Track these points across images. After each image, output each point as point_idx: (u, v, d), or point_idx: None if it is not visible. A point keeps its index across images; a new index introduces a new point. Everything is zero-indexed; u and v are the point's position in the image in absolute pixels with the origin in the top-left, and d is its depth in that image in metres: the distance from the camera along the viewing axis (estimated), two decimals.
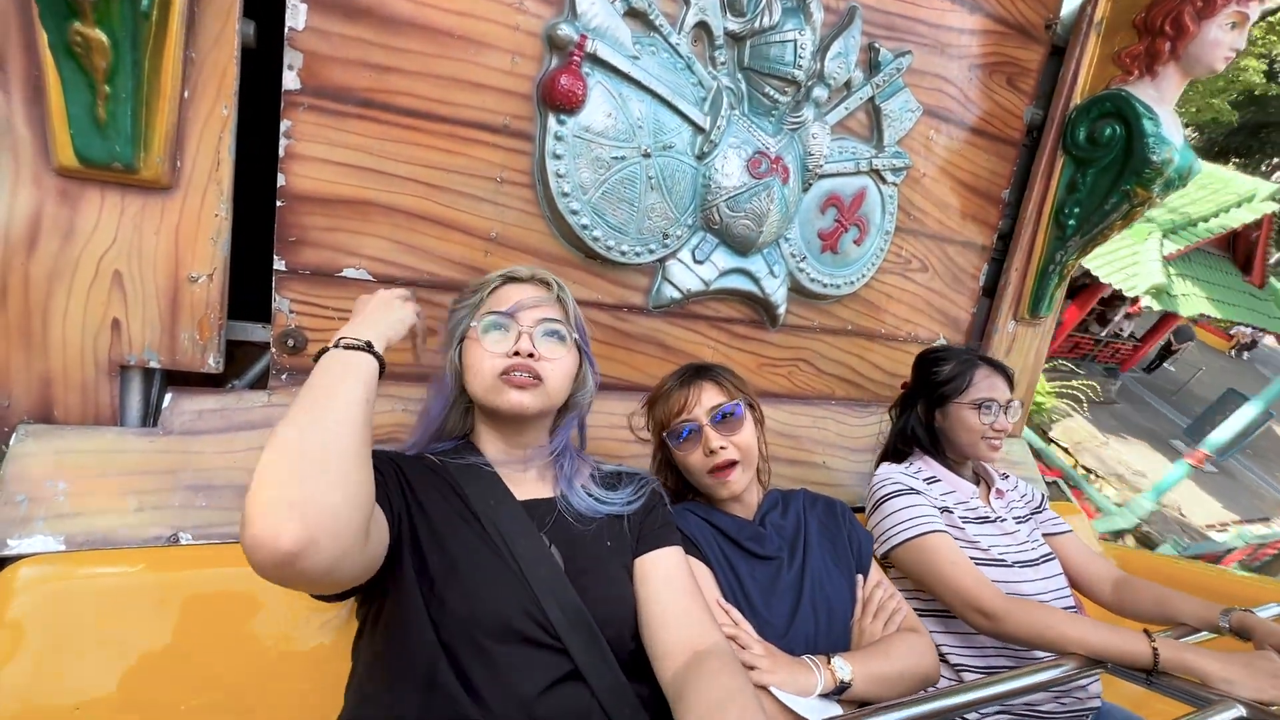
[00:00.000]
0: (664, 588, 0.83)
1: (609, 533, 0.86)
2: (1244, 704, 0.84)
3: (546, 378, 0.86)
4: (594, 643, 0.76)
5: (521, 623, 0.73)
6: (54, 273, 0.95)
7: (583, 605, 0.77)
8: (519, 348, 0.85)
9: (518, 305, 0.88)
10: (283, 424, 0.62)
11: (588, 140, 1.22)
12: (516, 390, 0.84)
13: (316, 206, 1.09)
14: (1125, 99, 1.58)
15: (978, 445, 1.28)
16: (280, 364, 1.13)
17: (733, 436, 1.04)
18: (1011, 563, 1.20)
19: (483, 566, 0.75)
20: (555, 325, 0.89)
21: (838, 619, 0.99)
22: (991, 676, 0.91)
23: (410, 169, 1.14)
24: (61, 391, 0.99)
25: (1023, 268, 1.84)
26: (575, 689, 0.74)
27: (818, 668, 0.88)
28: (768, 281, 1.49)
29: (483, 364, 0.86)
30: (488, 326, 0.87)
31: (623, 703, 0.76)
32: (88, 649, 0.87)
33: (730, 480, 1.04)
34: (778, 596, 0.98)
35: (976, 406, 1.27)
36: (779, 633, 0.94)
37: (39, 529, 0.91)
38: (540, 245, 1.28)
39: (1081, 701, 1.13)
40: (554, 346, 0.88)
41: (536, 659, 0.73)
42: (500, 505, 0.81)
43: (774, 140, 1.38)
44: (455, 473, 0.84)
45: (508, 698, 0.71)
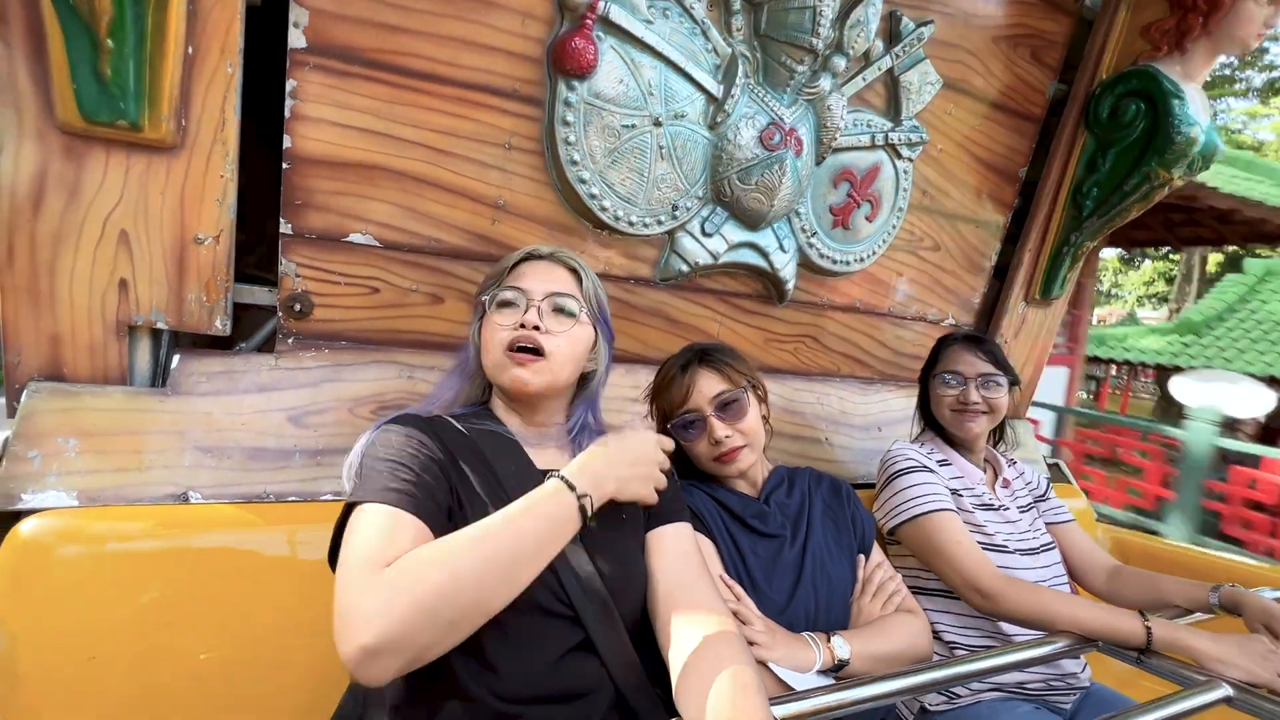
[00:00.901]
0: (673, 562, 0.84)
1: (623, 506, 0.87)
2: (1231, 683, 0.85)
3: (550, 352, 0.85)
4: (607, 613, 0.77)
5: (537, 591, 0.73)
6: (60, 231, 0.94)
7: (597, 575, 0.78)
8: (524, 320, 0.85)
9: (531, 282, 0.89)
10: (460, 552, 0.64)
11: (598, 107, 1.20)
12: (518, 367, 0.84)
13: (322, 170, 1.08)
14: (1152, 76, 1.53)
15: (948, 418, 1.31)
16: (287, 328, 1.13)
17: (737, 424, 1.04)
18: (1013, 549, 1.21)
19: None
20: (564, 299, 0.88)
21: (837, 597, 1.01)
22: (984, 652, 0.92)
23: (417, 133, 1.13)
24: (70, 350, 0.99)
25: (1036, 248, 1.81)
26: (586, 659, 0.76)
27: (817, 645, 0.90)
28: (777, 256, 1.47)
29: (493, 338, 0.87)
30: (501, 302, 0.88)
31: (631, 673, 0.78)
32: (102, 602, 0.89)
33: (738, 460, 1.05)
34: (779, 573, 1.00)
35: (941, 379, 1.32)
36: (779, 608, 0.96)
37: (52, 484, 0.93)
38: (548, 214, 1.27)
39: (1070, 680, 1.15)
40: (562, 321, 0.88)
41: (550, 628, 0.75)
42: (521, 472, 0.83)
43: (789, 111, 1.35)
44: (478, 438, 0.85)
45: (520, 667, 0.72)
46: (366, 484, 0.72)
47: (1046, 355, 2.02)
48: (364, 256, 1.15)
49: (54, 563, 0.89)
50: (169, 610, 0.92)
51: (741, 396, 1.05)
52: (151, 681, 0.90)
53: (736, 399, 1.04)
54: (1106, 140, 1.64)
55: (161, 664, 0.91)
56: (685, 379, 1.06)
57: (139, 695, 0.89)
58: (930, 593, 1.24)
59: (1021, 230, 1.81)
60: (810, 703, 0.75)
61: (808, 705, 0.75)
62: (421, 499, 0.71)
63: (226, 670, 0.94)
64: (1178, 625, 0.98)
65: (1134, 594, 1.22)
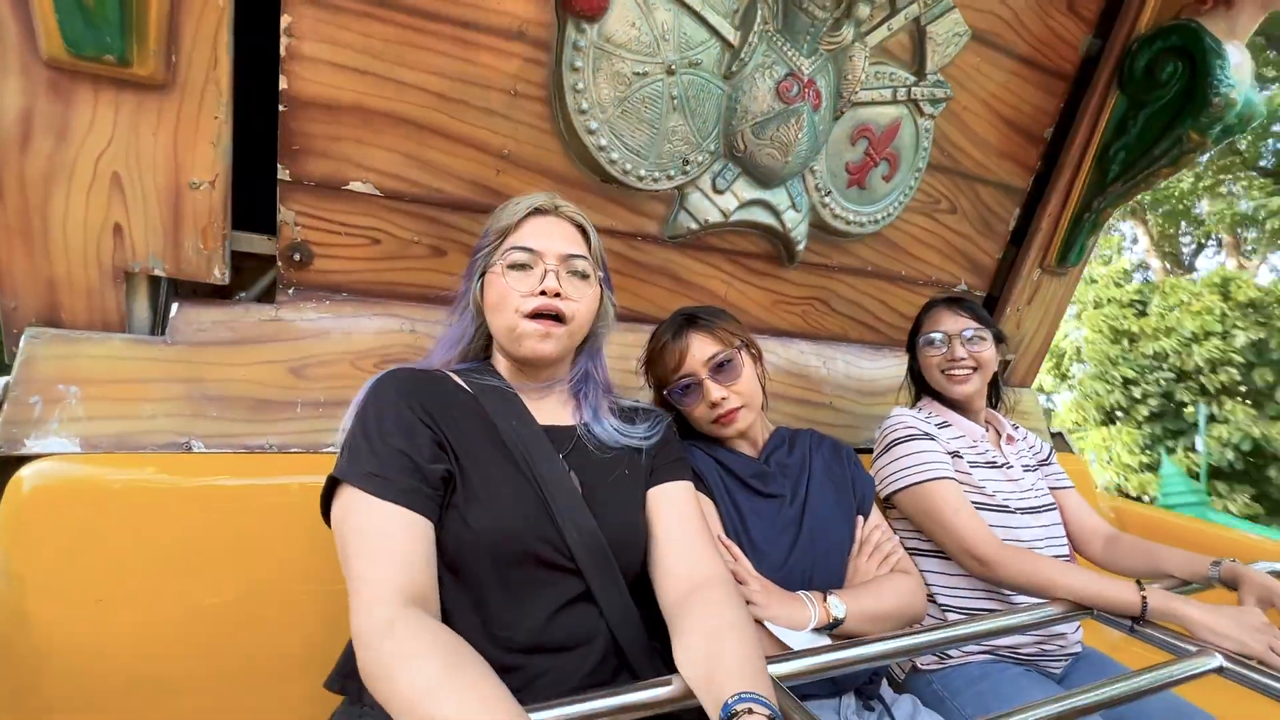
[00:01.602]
0: (673, 519, 0.84)
1: (626, 462, 0.87)
2: (1223, 653, 0.86)
3: (570, 318, 0.84)
4: (607, 567, 0.78)
5: (539, 545, 0.74)
6: (50, 172, 0.91)
7: (598, 530, 0.78)
8: (545, 286, 0.82)
9: (544, 242, 0.85)
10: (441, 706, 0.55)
11: (609, 52, 1.14)
12: (540, 340, 0.82)
13: (321, 113, 1.04)
14: (1194, 32, 1.44)
15: (937, 379, 1.31)
16: (287, 278, 1.11)
17: (733, 385, 1.04)
18: (1014, 509, 1.21)
19: (507, 489, 0.76)
20: (581, 263, 0.86)
21: (834, 556, 1.02)
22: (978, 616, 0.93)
23: (419, 76, 1.08)
24: (67, 296, 0.98)
25: (1056, 214, 1.75)
26: (586, 610, 0.77)
27: (812, 603, 0.91)
28: (789, 216, 1.43)
29: (506, 301, 0.83)
30: (513, 263, 0.84)
31: (629, 625, 0.79)
32: (109, 545, 0.90)
33: (736, 421, 1.05)
34: (778, 532, 1.00)
35: (927, 339, 1.32)
36: (776, 566, 0.97)
37: (54, 430, 0.93)
38: (554, 165, 1.22)
39: (1063, 647, 1.17)
40: (579, 286, 0.86)
41: (551, 581, 0.76)
42: (523, 428, 0.82)
43: (808, 62, 1.28)
44: (479, 394, 0.84)
45: (521, 618, 0.73)
46: (356, 458, 0.71)
47: (1058, 325, 1.99)
48: (364, 206, 1.12)
49: (59, 506, 0.89)
50: (174, 555, 0.94)
51: (735, 357, 1.04)
52: (160, 624, 0.92)
53: (730, 359, 1.04)
54: (1139, 100, 1.57)
55: (167, 608, 0.92)
56: (678, 344, 1.06)
57: (146, 638, 0.91)
58: (925, 554, 1.25)
59: (1042, 194, 1.75)
60: (805, 662, 0.76)
61: (803, 664, 0.76)
62: (412, 487, 0.70)
63: (232, 615, 0.96)
64: (1173, 595, 0.99)
65: (1131, 563, 1.23)
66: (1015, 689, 1.06)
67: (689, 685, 0.66)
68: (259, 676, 0.97)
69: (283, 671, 0.96)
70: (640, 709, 0.65)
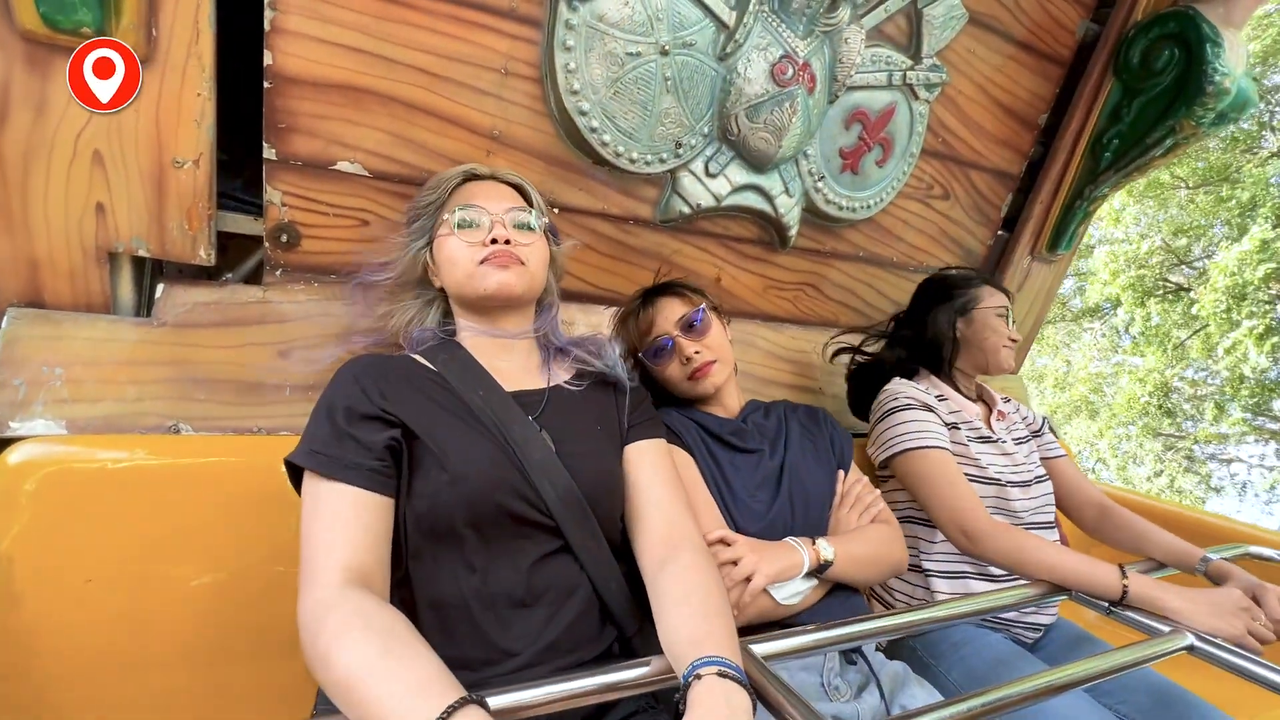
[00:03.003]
0: (648, 476, 0.86)
1: (599, 418, 0.89)
2: (1193, 632, 0.89)
3: (526, 260, 0.88)
4: (585, 520, 0.79)
5: (514, 501, 0.75)
6: (29, 148, 0.89)
7: (574, 485, 0.79)
8: (494, 235, 0.86)
9: (486, 200, 0.89)
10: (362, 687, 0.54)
11: (601, 31, 1.12)
12: (500, 270, 0.85)
13: (307, 90, 1.02)
14: (1191, 19, 1.44)
15: (1001, 351, 1.33)
16: (274, 260, 1.10)
17: (704, 339, 1.10)
18: (1005, 482, 1.24)
19: (478, 451, 0.77)
20: (524, 214, 0.91)
21: (815, 508, 1.05)
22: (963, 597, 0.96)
23: (408, 54, 1.06)
24: (50, 276, 0.96)
25: (1048, 200, 1.75)
26: (566, 561, 0.79)
27: (802, 548, 0.94)
28: (782, 201, 1.42)
29: (459, 255, 0.87)
30: (460, 222, 0.88)
31: (609, 577, 0.80)
32: (97, 527, 0.90)
33: (711, 375, 1.09)
34: (758, 484, 1.04)
35: (1001, 312, 1.34)
36: (759, 516, 1.00)
37: (39, 413, 0.92)
38: (545, 147, 1.21)
39: (1038, 613, 1.20)
40: (526, 234, 0.90)
41: (529, 536, 0.77)
42: (490, 396, 0.82)
43: (803, 43, 1.27)
44: (443, 369, 0.84)
45: (501, 572, 0.75)
46: (307, 438, 0.73)
47: (1046, 312, 2.00)
48: (352, 186, 1.10)
49: (46, 489, 0.89)
50: (166, 537, 0.94)
51: (702, 312, 1.11)
52: (149, 605, 0.92)
53: (699, 317, 1.10)
54: (1134, 88, 1.56)
55: (156, 589, 0.93)
56: (647, 310, 1.12)
57: (135, 618, 0.92)
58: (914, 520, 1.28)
59: (1035, 181, 1.75)
60: (788, 642, 0.78)
61: (786, 644, 0.77)
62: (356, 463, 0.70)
63: (221, 595, 0.96)
64: (1154, 582, 1.01)
65: (1120, 537, 1.25)
66: (996, 657, 1.09)
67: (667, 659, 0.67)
68: (248, 656, 0.97)
69: (271, 652, 0.97)
70: (620, 688, 0.66)
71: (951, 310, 1.37)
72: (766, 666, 0.68)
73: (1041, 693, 0.71)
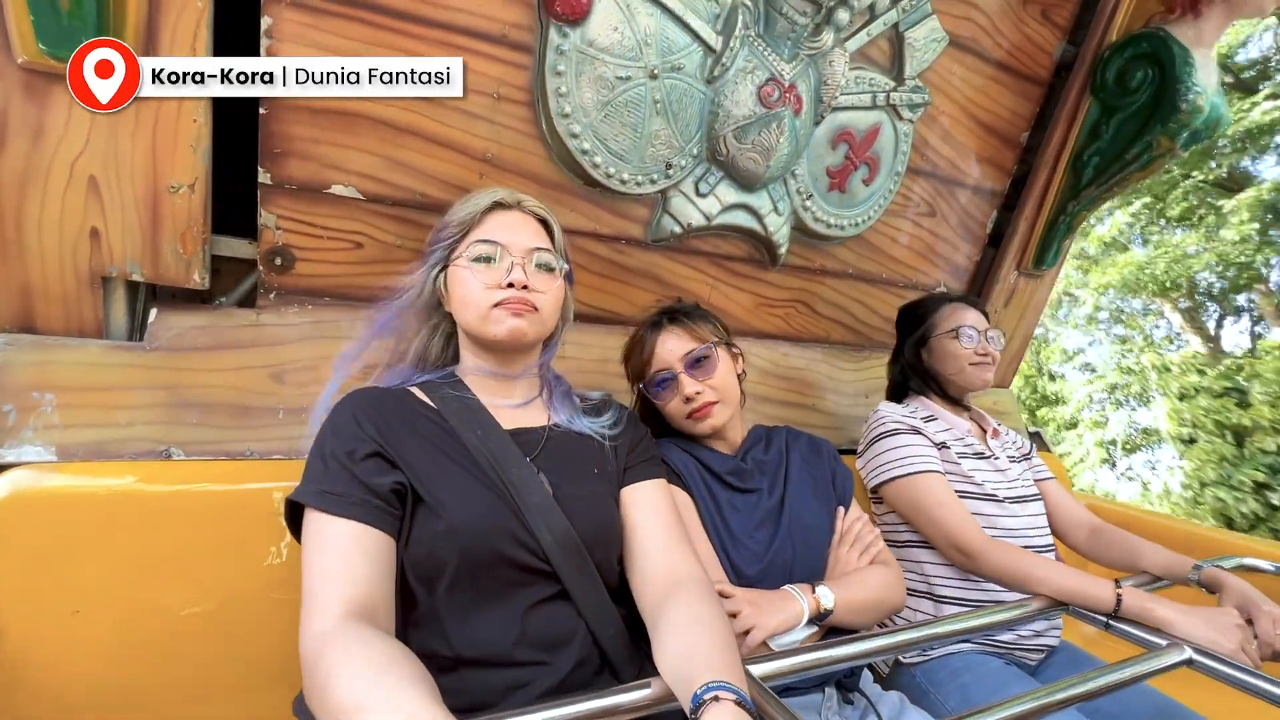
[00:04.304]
0: (648, 518, 0.85)
1: (596, 461, 0.87)
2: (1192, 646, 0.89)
3: (541, 308, 0.85)
4: (583, 566, 0.78)
5: (511, 548, 0.74)
6: (25, 175, 0.90)
7: (572, 529, 0.78)
8: (513, 279, 0.82)
9: (509, 236, 0.85)
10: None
11: (591, 56, 1.15)
12: (514, 318, 0.83)
13: (301, 116, 1.03)
14: (1163, 40, 1.48)
15: (965, 370, 1.33)
16: (268, 283, 1.10)
17: (708, 379, 1.05)
18: (1002, 498, 1.24)
19: (474, 496, 0.76)
20: (545, 255, 0.87)
21: (814, 547, 1.03)
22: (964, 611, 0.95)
23: None
24: (42, 302, 0.96)
25: (1032, 217, 1.79)
26: (563, 607, 0.77)
27: (801, 596, 0.92)
28: (771, 219, 1.45)
29: (473, 294, 0.83)
30: (478, 256, 0.84)
31: (607, 622, 0.79)
32: (85, 555, 0.89)
33: (710, 417, 1.06)
34: (757, 524, 1.02)
35: (955, 334, 1.34)
36: (757, 557, 0.98)
37: (29, 439, 0.91)
38: (537, 169, 1.23)
39: (1040, 636, 1.19)
40: (545, 278, 0.86)
41: (526, 582, 0.76)
42: (488, 436, 0.81)
43: (789, 66, 1.30)
44: (441, 406, 0.83)
45: (498, 619, 0.73)
46: (310, 478, 0.72)
47: (1034, 327, 2.02)
48: (346, 209, 1.11)
49: (34, 517, 0.88)
50: (156, 565, 0.92)
51: (711, 352, 1.06)
52: (137, 636, 0.91)
53: (707, 355, 1.06)
54: (1111, 106, 1.60)
55: (147, 618, 0.91)
56: (654, 339, 1.08)
57: (125, 649, 0.90)
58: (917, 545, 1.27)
59: (1019, 198, 1.79)
60: (786, 661, 0.77)
61: (784, 664, 0.77)
62: (362, 500, 0.70)
63: (211, 624, 0.94)
64: (1148, 595, 1.01)
65: (1112, 555, 1.25)
66: (997, 682, 1.08)
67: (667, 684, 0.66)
68: (237, 687, 0.96)
69: (261, 682, 0.95)
70: (619, 712, 0.65)
71: (914, 342, 1.41)
72: (767, 688, 0.67)
73: (1039, 711, 0.70)
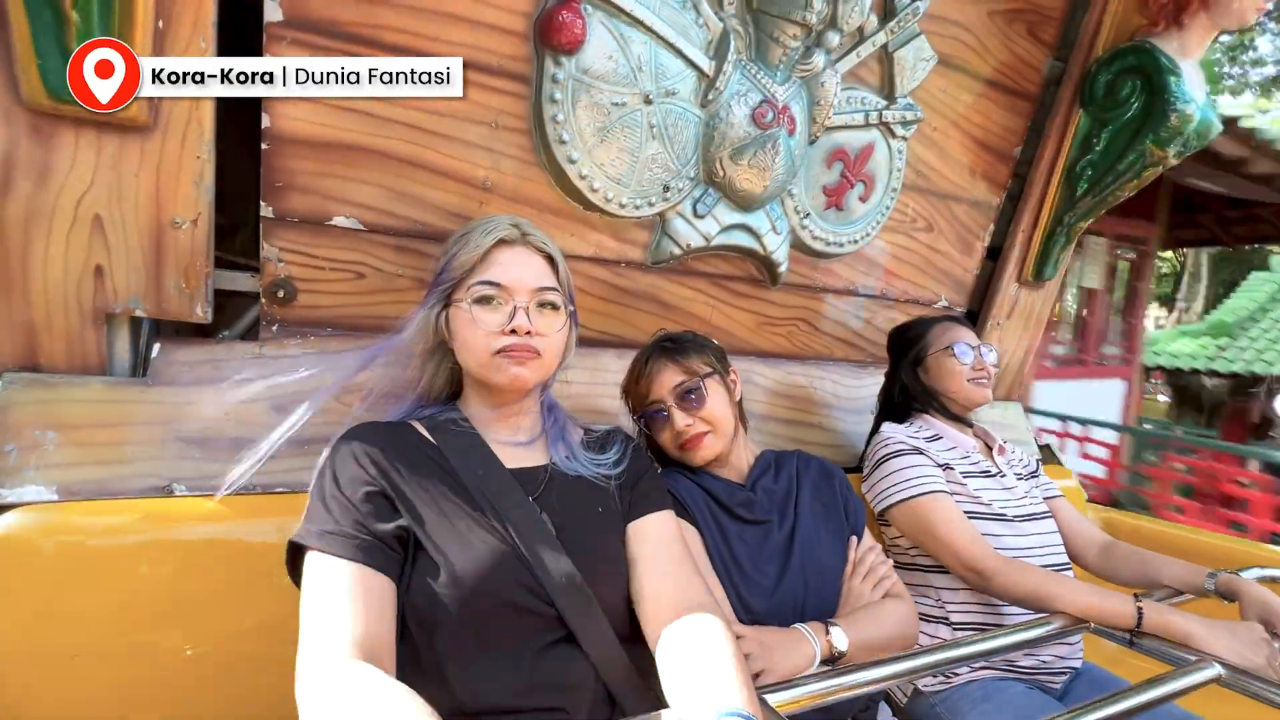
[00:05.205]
0: (655, 553, 0.83)
1: (600, 498, 0.85)
2: (1222, 663, 0.86)
3: (544, 352, 0.84)
4: (589, 608, 0.76)
5: (514, 591, 0.73)
6: (30, 215, 0.91)
7: (576, 571, 0.76)
8: (515, 325, 0.81)
9: (512, 276, 0.83)
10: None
11: (586, 84, 1.17)
12: (516, 365, 0.81)
13: (303, 150, 1.05)
14: (1149, 52, 1.51)
15: (964, 387, 1.32)
16: (270, 315, 1.10)
17: (699, 412, 1.05)
18: (1011, 517, 1.22)
19: (475, 539, 0.74)
20: (550, 295, 0.85)
21: (826, 581, 1.01)
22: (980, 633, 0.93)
23: (401, 111, 1.09)
24: (46, 340, 0.96)
25: (1029, 229, 1.80)
26: (569, 651, 0.75)
27: (814, 638, 0.89)
28: (770, 238, 1.45)
29: (475, 339, 0.82)
30: (480, 299, 0.82)
31: (615, 665, 0.76)
32: (85, 598, 0.88)
33: (701, 449, 1.05)
34: (766, 558, 0.99)
35: (950, 351, 1.33)
36: (767, 593, 0.96)
37: (30, 479, 0.90)
38: (537, 195, 1.24)
39: (1062, 659, 1.16)
40: (549, 319, 0.85)
41: (531, 625, 0.74)
42: (489, 475, 0.80)
43: (781, 89, 1.32)
44: (442, 443, 0.82)
45: (504, 664, 0.71)
46: (312, 519, 0.72)
47: (1039, 338, 2.02)
48: (348, 240, 1.12)
49: (34, 559, 0.86)
50: (154, 606, 0.91)
51: (700, 386, 1.05)
52: (137, 680, 0.89)
53: (695, 389, 1.05)
54: (1101, 119, 1.62)
55: (146, 661, 0.89)
56: (647, 371, 1.09)
57: (123, 694, 0.88)
58: (932, 569, 1.24)
59: (1015, 210, 1.80)
60: (804, 689, 0.75)
61: (802, 692, 0.74)
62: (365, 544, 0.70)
63: (213, 666, 0.92)
64: (1170, 608, 0.99)
65: (1127, 572, 1.23)
66: (1020, 708, 1.05)
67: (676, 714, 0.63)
68: None
69: None
70: None
71: (909, 363, 1.40)
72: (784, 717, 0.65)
73: None
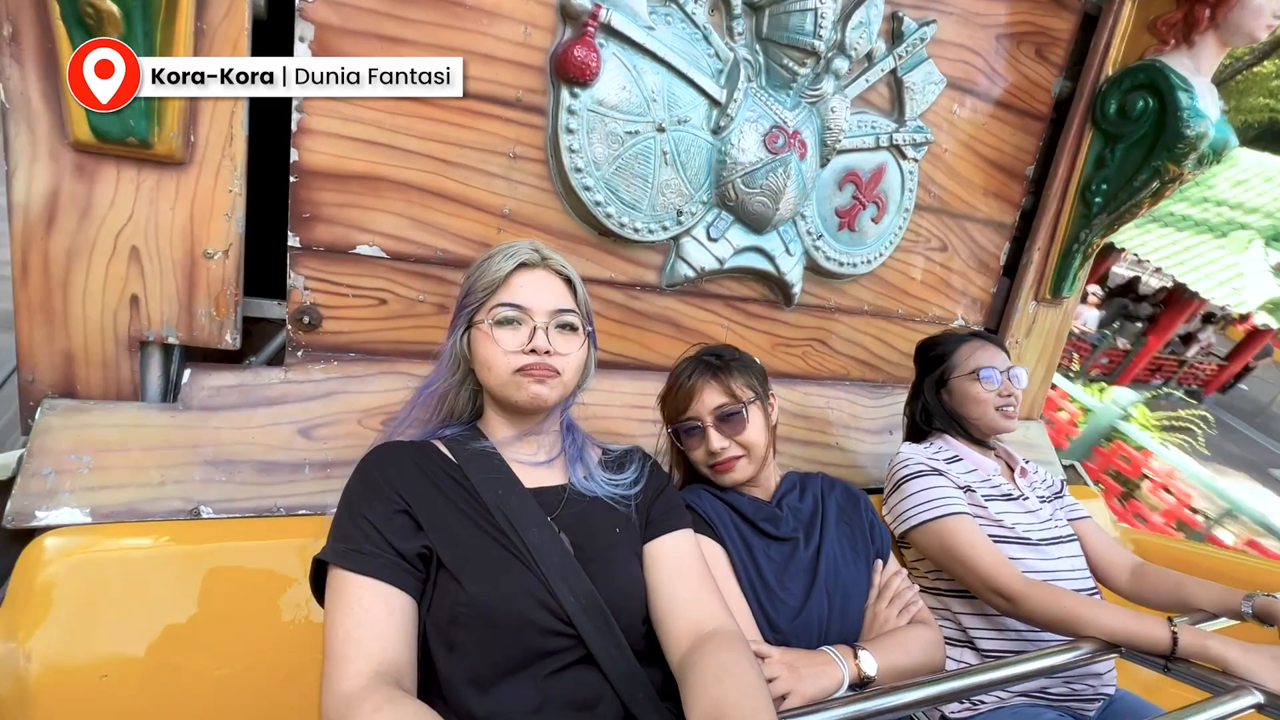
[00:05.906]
0: (674, 573, 0.83)
1: (618, 518, 0.86)
2: (1261, 690, 0.83)
3: (563, 371, 0.85)
4: (607, 628, 0.76)
5: (534, 612, 0.73)
6: (73, 249, 0.95)
7: (595, 591, 0.76)
8: (535, 345, 0.83)
9: (532, 298, 0.85)
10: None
11: (601, 114, 1.20)
12: (536, 384, 0.83)
13: (329, 182, 1.09)
14: (1160, 70, 1.51)
15: (989, 414, 1.27)
16: (296, 341, 1.13)
17: (737, 436, 1.05)
18: (1036, 540, 1.19)
19: (496, 560, 0.75)
20: (569, 317, 0.87)
21: (852, 602, 0.99)
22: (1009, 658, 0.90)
23: (422, 144, 1.13)
24: (83, 367, 1.00)
25: (1045, 247, 1.79)
26: (588, 673, 0.75)
27: (841, 661, 0.88)
28: (783, 260, 1.47)
29: (496, 360, 0.84)
30: (501, 320, 0.84)
31: (635, 686, 0.76)
32: (114, 619, 0.89)
33: (734, 472, 1.05)
34: (792, 576, 0.99)
35: (975, 377, 1.28)
36: (793, 612, 0.95)
37: (65, 501, 0.93)
38: (553, 222, 1.27)
39: (1094, 688, 1.12)
40: (568, 339, 0.87)
41: (551, 646, 0.74)
42: (509, 495, 0.81)
43: (792, 114, 1.34)
44: (464, 463, 0.83)
45: (522, 685, 0.71)
46: (337, 537, 0.73)
47: (1059, 355, 2.00)
48: (371, 268, 1.16)
49: (67, 581, 0.89)
50: (183, 627, 0.92)
51: (742, 410, 1.04)
52: (165, 699, 0.90)
53: (737, 412, 1.04)
54: (1114, 136, 1.62)
55: (175, 681, 0.90)
56: (689, 385, 1.07)
57: (152, 714, 0.89)
58: (955, 594, 1.22)
59: (1030, 229, 1.80)
60: (829, 715, 0.74)
61: (826, 718, 0.73)
62: (389, 562, 0.71)
63: (242, 686, 0.93)
64: (1205, 632, 0.95)
65: (1158, 595, 1.19)
66: None
67: None
68: None
69: None
70: None
71: (933, 382, 1.35)
72: None
73: None
